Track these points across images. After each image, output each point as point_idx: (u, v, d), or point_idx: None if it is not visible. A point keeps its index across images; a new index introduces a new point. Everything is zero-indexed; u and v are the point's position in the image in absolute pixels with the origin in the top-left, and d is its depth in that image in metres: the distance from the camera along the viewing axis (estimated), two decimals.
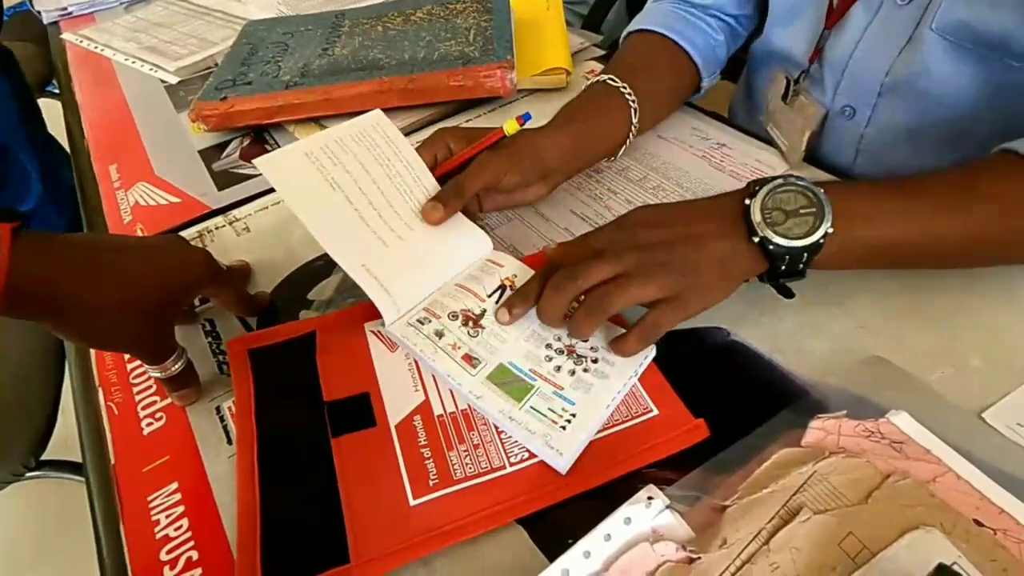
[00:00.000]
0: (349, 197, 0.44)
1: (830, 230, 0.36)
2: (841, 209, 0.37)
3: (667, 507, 0.31)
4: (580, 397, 0.37)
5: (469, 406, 0.38)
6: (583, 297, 0.37)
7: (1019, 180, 0.38)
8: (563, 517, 0.33)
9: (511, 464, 0.35)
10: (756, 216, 0.37)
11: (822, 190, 0.37)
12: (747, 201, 0.38)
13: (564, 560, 0.29)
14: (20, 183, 1.16)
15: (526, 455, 0.36)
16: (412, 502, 0.34)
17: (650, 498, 0.31)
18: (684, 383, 0.38)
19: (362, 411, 0.38)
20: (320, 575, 0.32)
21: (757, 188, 0.38)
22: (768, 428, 0.35)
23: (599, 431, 0.36)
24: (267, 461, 0.37)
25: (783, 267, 0.37)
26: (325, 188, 0.43)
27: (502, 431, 0.37)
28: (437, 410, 0.38)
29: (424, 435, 0.37)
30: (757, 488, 0.31)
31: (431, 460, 0.36)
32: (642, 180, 0.55)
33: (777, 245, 0.36)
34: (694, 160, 0.57)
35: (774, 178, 0.38)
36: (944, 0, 0.46)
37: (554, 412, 0.37)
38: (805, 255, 0.37)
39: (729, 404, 0.37)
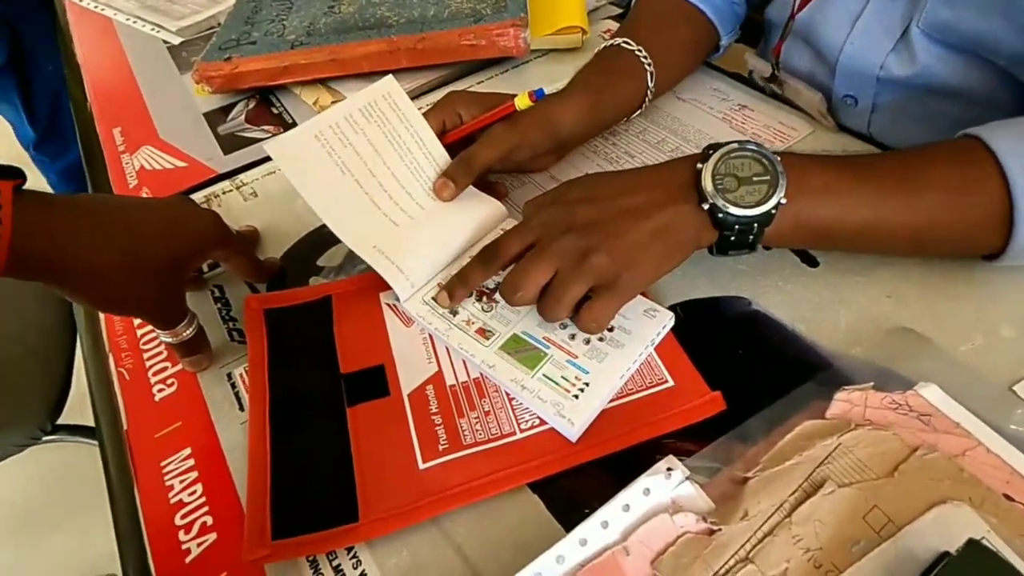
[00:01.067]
0: (359, 181, 0.43)
1: (783, 200, 0.34)
2: (795, 181, 0.35)
3: (687, 478, 0.30)
4: (594, 366, 0.37)
5: (482, 376, 0.38)
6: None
7: (971, 169, 0.36)
8: (580, 487, 0.33)
9: (521, 430, 0.35)
10: (707, 182, 0.35)
11: (779, 158, 0.35)
12: (699, 165, 0.36)
13: (582, 530, 0.29)
14: (69, 133, 1.17)
15: (536, 421, 0.36)
16: (421, 465, 0.34)
17: (670, 469, 0.30)
18: (704, 353, 0.37)
19: (377, 382, 0.39)
20: (329, 530, 0.32)
21: (711, 152, 0.36)
22: (791, 400, 0.34)
23: (612, 400, 0.36)
24: (279, 420, 0.37)
25: (733, 238, 0.36)
26: (335, 172, 0.43)
27: (513, 398, 0.37)
28: (450, 381, 0.38)
29: (436, 403, 0.37)
30: (780, 460, 0.30)
31: (441, 427, 0.36)
32: (660, 143, 0.53)
33: (727, 214, 0.35)
34: (715, 122, 0.55)
35: (729, 142, 0.36)
36: (930, 0, 0.44)
37: (567, 380, 0.36)
38: (756, 225, 0.35)
39: (750, 375, 0.36)
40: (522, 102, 0.44)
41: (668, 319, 0.38)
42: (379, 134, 0.44)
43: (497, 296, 0.41)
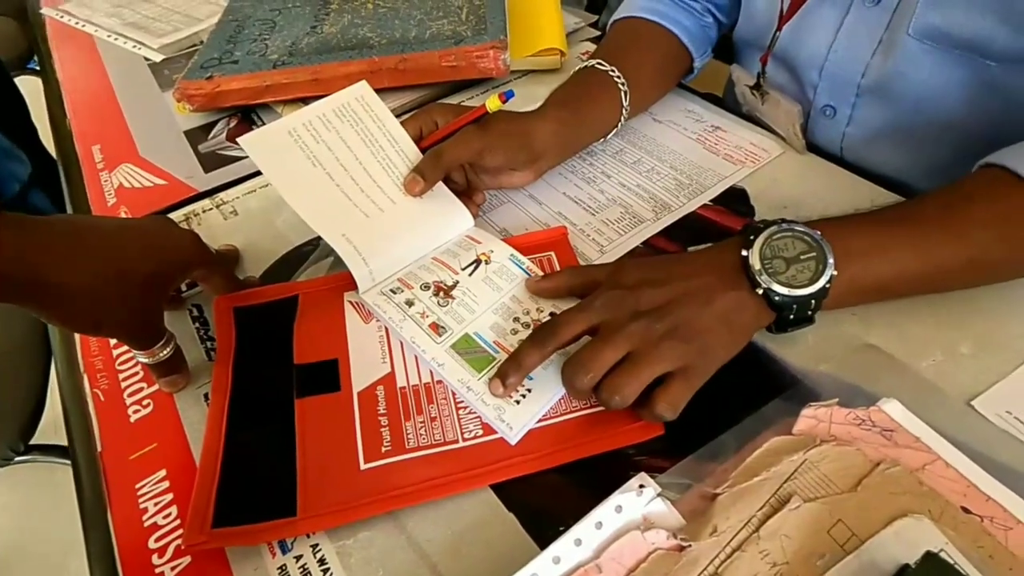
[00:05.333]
0: (331, 174, 0.45)
1: (834, 273, 0.35)
2: (841, 250, 0.36)
3: (658, 495, 0.31)
4: (539, 372, 0.38)
5: (432, 380, 0.39)
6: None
7: (1012, 199, 0.37)
8: (554, 504, 0.33)
9: (464, 439, 0.36)
10: (756, 266, 0.36)
11: (819, 232, 0.36)
12: (744, 252, 0.37)
13: (555, 547, 0.29)
14: None
15: (480, 432, 0.36)
16: (363, 466, 0.35)
17: (641, 486, 0.31)
18: None
19: (329, 376, 0.39)
20: (267, 522, 0.33)
21: (752, 237, 0.37)
22: (759, 416, 0.35)
23: (555, 416, 0.37)
24: (235, 412, 0.38)
25: (792, 316, 0.36)
26: (307, 165, 0.44)
27: (460, 406, 0.38)
28: (401, 383, 0.39)
29: (384, 404, 0.38)
30: (748, 476, 0.31)
31: (387, 428, 0.37)
32: (636, 163, 0.55)
33: (782, 296, 0.35)
34: (688, 143, 0.56)
35: (768, 224, 0.37)
36: (919, 5, 0.45)
37: None
38: (813, 302, 0.36)
39: (720, 392, 0.37)
40: (492, 103, 0.45)
41: None
42: (352, 132, 0.46)
43: (454, 293, 0.42)
